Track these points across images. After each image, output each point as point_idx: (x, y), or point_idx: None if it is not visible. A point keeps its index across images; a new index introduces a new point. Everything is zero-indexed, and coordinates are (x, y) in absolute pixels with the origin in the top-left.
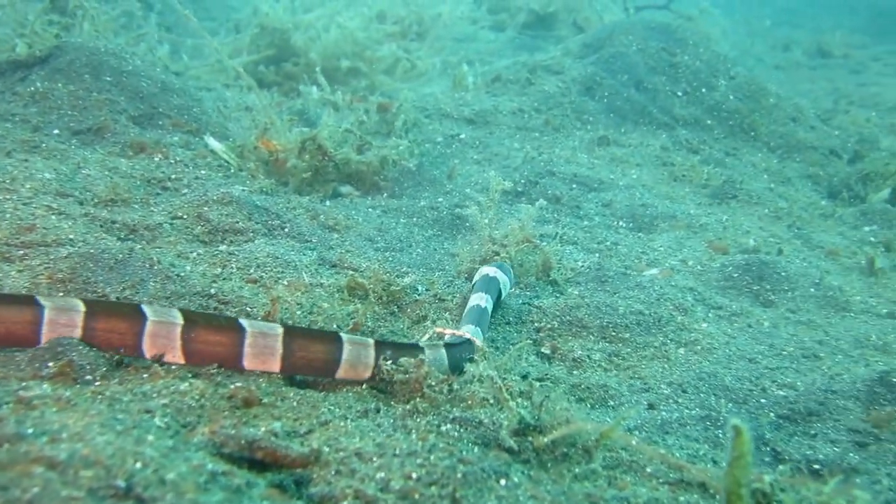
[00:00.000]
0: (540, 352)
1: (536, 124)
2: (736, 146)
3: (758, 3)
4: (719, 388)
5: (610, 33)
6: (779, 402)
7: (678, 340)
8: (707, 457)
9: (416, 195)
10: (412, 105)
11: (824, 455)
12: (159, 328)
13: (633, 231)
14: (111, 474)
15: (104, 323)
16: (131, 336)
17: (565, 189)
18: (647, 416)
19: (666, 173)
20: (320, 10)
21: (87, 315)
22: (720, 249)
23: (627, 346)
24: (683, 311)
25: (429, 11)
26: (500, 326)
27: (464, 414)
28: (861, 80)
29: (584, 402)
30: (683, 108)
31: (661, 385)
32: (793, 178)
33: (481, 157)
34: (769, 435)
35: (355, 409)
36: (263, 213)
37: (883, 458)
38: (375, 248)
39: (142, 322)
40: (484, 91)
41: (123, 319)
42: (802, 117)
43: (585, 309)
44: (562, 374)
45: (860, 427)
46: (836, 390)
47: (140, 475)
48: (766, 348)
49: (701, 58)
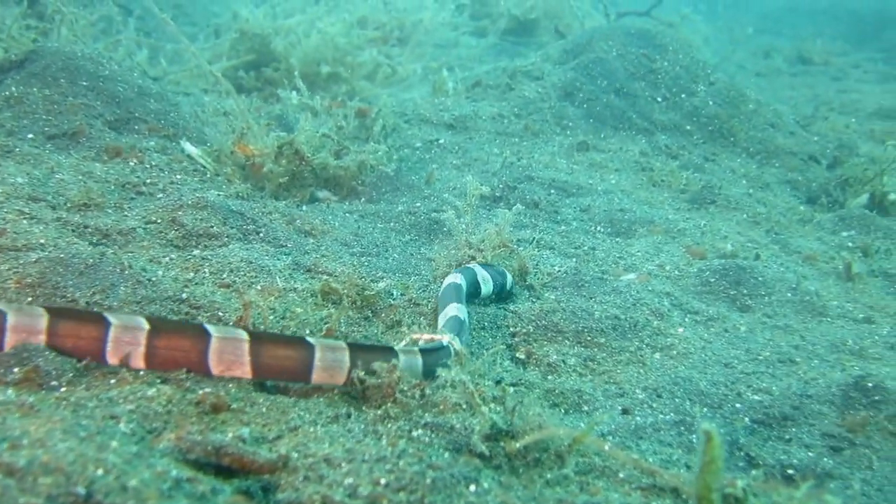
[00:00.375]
0: (515, 357)
1: (516, 129)
2: (715, 151)
3: (741, 11)
4: (694, 392)
5: (590, 39)
6: (754, 407)
7: (654, 345)
8: (680, 462)
9: (393, 200)
10: (391, 110)
11: (798, 460)
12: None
13: (611, 236)
14: (71, 481)
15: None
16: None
17: (544, 194)
18: (622, 421)
19: (645, 178)
20: (301, 16)
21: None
22: (698, 254)
23: (603, 351)
24: (660, 315)
25: (410, 17)
26: (476, 332)
27: (436, 419)
28: (841, 86)
29: (559, 407)
30: (663, 113)
31: (636, 390)
32: (772, 184)
33: (460, 163)
34: (743, 440)
35: (326, 414)
36: (238, 217)
37: (857, 463)
38: (351, 253)
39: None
40: (464, 96)
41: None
42: (781, 123)
43: (561, 314)
44: (536, 380)
45: (835, 432)
46: (812, 395)
47: (101, 482)
48: (743, 353)
49: (680, 63)
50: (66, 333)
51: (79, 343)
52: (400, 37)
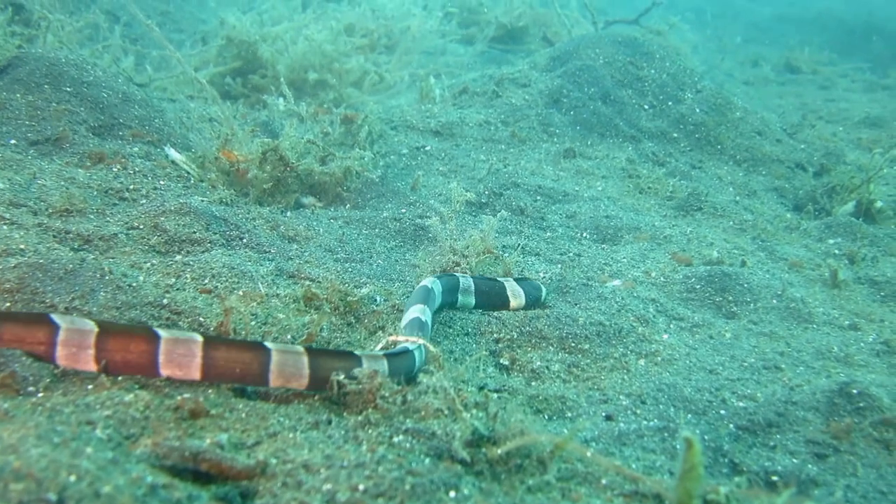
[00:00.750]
0: (499, 363)
1: (503, 136)
2: (702, 159)
3: (729, 20)
4: (678, 399)
5: (577, 46)
6: (738, 414)
7: (638, 351)
8: (664, 468)
9: (379, 206)
10: (377, 117)
11: (783, 467)
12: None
13: (596, 242)
14: (43, 487)
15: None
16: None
17: (529, 200)
18: (605, 427)
19: (631, 185)
20: (288, 23)
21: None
22: (684, 261)
23: (587, 358)
24: (645, 322)
25: (398, 25)
26: (459, 337)
27: (417, 425)
28: (829, 95)
29: (542, 413)
30: (650, 120)
31: (619, 396)
32: (758, 191)
33: (447, 169)
34: (727, 446)
35: (306, 420)
36: (222, 223)
37: (842, 470)
38: (335, 259)
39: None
40: (451, 103)
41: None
42: (768, 131)
43: (545, 320)
44: (520, 386)
45: (819, 438)
46: (797, 401)
47: (73, 488)
48: (728, 359)
49: (668, 71)
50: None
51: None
52: (388, 44)
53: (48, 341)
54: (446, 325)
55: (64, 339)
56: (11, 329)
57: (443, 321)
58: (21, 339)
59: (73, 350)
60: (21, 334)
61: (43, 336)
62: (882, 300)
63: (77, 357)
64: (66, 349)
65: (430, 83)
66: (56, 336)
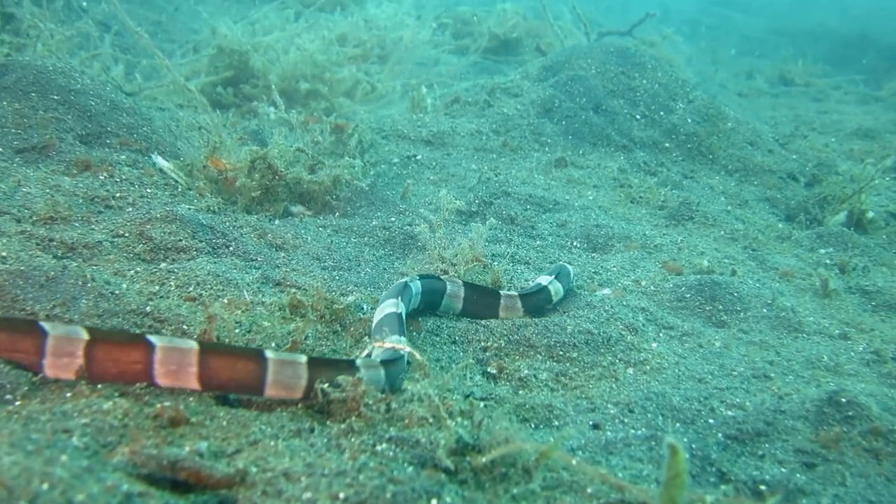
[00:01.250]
0: (486, 371)
1: (494, 146)
2: (694, 169)
3: (723, 33)
4: (667, 408)
5: (569, 57)
6: (727, 423)
7: (627, 360)
8: (651, 477)
9: (368, 215)
10: (368, 126)
11: (771, 476)
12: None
13: (587, 251)
14: (14, 495)
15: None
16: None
17: (520, 209)
18: (592, 436)
19: (622, 195)
20: (280, 33)
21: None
22: (674, 270)
23: (575, 366)
24: (634, 330)
25: (391, 35)
26: (447, 346)
27: (401, 433)
28: (822, 107)
29: (529, 421)
30: (641, 130)
31: (607, 405)
32: (750, 201)
33: (437, 178)
34: (715, 455)
35: (288, 428)
36: (208, 231)
37: (830, 479)
38: (323, 267)
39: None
40: (442, 113)
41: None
42: (760, 141)
43: (533, 328)
44: (507, 394)
45: (808, 447)
46: (785, 410)
47: (46, 496)
48: (717, 368)
49: (659, 81)
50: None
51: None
52: (381, 54)
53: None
54: (433, 334)
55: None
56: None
57: (430, 329)
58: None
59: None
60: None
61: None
62: (873, 310)
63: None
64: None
65: (421, 93)
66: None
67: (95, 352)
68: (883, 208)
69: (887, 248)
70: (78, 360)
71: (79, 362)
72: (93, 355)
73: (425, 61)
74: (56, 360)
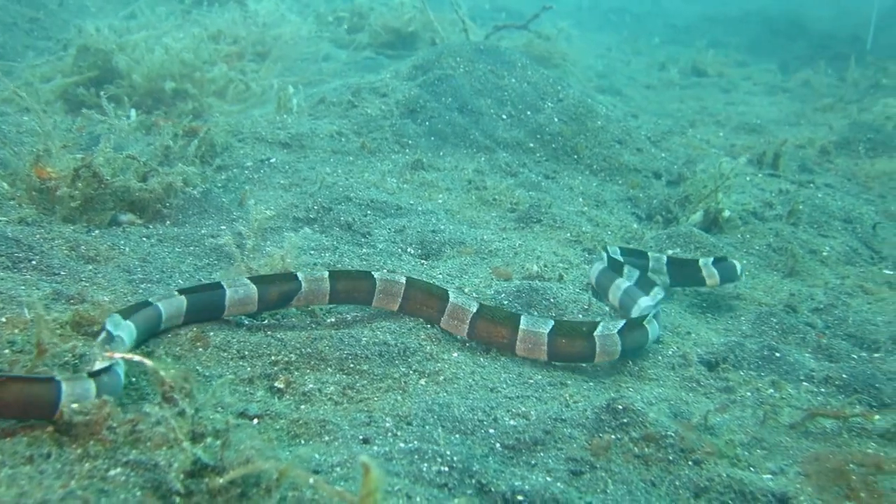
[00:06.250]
0: (273, 386)
1: (352, 148)
2: (557, 169)
3: (658, 20)
4: (448, 419)
5: (439, 55)
6: (507, 433)
7: (421, 371)
8: (402, 493)
9: (199, 223)
10: (225, 128)
11: (530, 486)
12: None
13: (419, 258)
14: None
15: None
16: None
17: (359, 215)
18: (358, 450)
19: (475, 197)
20: (147, 31)
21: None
22: (504, 275)
23: (364, 379)
24: (436, 340)
25: (270, 32)
26: (233, 361)
27: (141, 456)
28: (730, 98)
29: (299, 438)
30: (506, 130)
31: (385, 418)
32: (609, 201)
33: (289, 182)
34: (476, 467)
35: (22, 454)
36: (12, 244)
37: (592, 487)
38: (129, 280)
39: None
40: (307, 114)
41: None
42: (630, 139)
43: (328, 340)
44: (287, 410)
45: (579, 455)
46: (566, 418)
47: None
48: (515, 377)
49: (528, 80)
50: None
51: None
52: (262, 52)
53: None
54: (221, 349)
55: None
56: None
57: (218, 345)
58: None
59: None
60: None
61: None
62: (701, 312)
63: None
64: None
65: (288, 93)
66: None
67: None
68: (741, 207)
69: (738, 248)
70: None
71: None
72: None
73: (314, 58)
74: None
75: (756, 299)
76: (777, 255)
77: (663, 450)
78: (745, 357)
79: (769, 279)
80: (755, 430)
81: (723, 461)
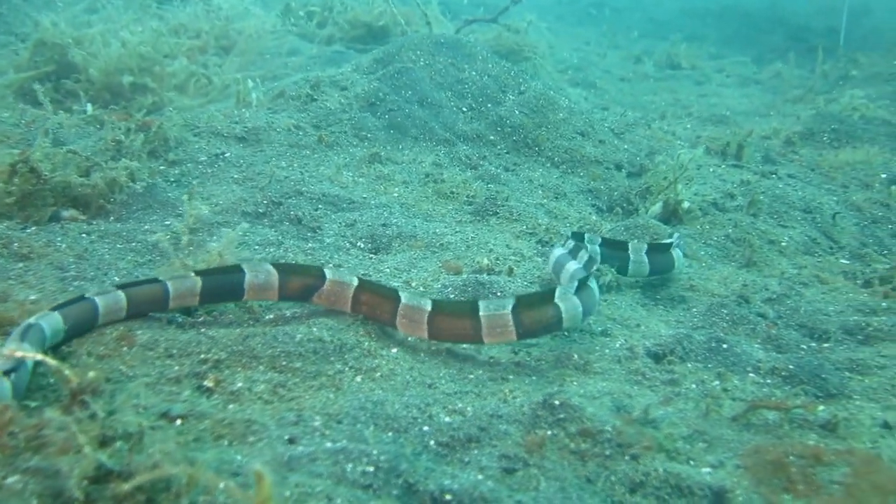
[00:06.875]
0: (202, 385)
1: (310, 142)
2: (518, 162)
3: (630, 15)
4: (381, 417)
5: (399, 48)
6: (441, 430)
7: (358, 367)
8: (322, 494)
9: (143, 219)
10: (180, 123)
11: (459, 485)
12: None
13: (368, 252)
14: None
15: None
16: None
17: (310, 209)
18: (282, 451)
19: (431, 190)
20: (105, 25)
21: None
22: (454, 269)
23: (297, 376)
24: (376, 336)
25: (234, 25)
26: (160, 359)
27: (42, 463)
28: (703, 91)
29: (223, 438)
30: (467, 123)
31: (315, 417)
32: (569, 193)
33: (242, 177)
34: (404, 466)
35: None
36: None
37: (524, 485)
38: (62, 278)
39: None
40: (266, 107)
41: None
42: (592, 131)
43: (261, 338)
44: (214, 410)
45: (513, 452)
46: (503, 414)
47: None
48: (455, 372)
49: (489, 73)
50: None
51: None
52: (225, 45)
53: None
54: (147, 348)
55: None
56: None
57: (145, 344)
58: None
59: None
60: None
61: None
62: (652, 305)
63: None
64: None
65: (247, 86)
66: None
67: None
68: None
69: (697, 239)
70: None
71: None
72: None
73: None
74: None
75: (710, 290)
76: (735, 245)
77: (600, 445)
78: (692, 349)
79: (725, 270)
80: (697, 422)
81: (661, 455)
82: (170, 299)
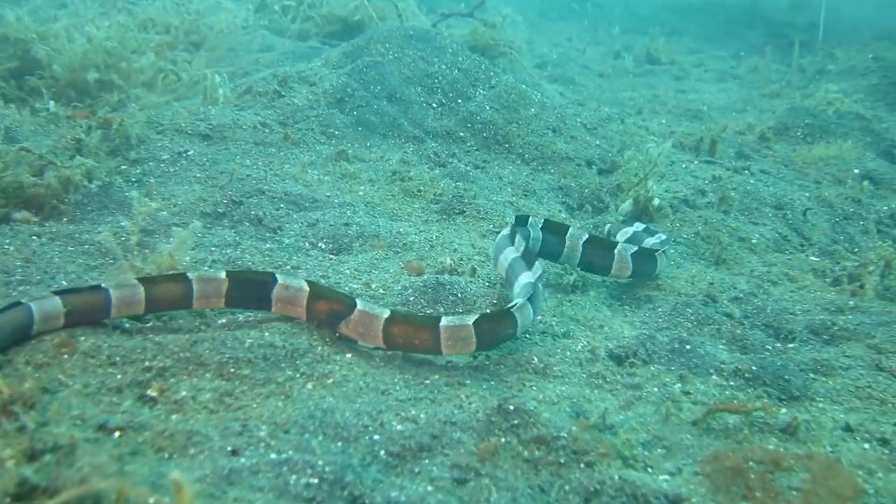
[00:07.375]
0: (144, 395)
1: (276, 139)
2: (487, 158)
3: (612, 9)
4: (330, 426)
5: (368, 41)
6: (392, 438)
7: (310, 374)
8: None
9: (98, 220)
10: (142, 120)
11: (407, 497)
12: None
13: (328, 253)
14: None
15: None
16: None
17: (271, 209)
18: (223, 464)
19: (398, 189)
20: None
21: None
22: (416, 270)
23: (245, 384)
24: (329, 341)
25: (205, 20)
26: (102, 367)
27: None
28: (681, 86)
29: (163, 451)
30: (436, 119)
31: (261, 426)
32: (539, 191)
33: (205, 176)
34: (351, 477)
35: None
36: None
37: (475, 496)
38: (6, 283)
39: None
40: (232, 104)
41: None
42: (564, 127)
43: (209, 343)
44: (155, 421)
45: (465, 462)
46: (456, 422)
47: None
48: (411, 377)
49: (460, 66)
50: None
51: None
52: (196, 41)
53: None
54: (88, 356)
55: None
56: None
57: (86, 351)
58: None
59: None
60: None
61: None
62: (618, 305)
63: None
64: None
65: (214, 83)
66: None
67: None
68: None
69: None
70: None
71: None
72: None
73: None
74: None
75: (676, 289)
76: (705, 243)
77: (554, 452)
78: (655, 350)
79: (694, 268)
80: (657, 427)
81: (617, 462)
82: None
